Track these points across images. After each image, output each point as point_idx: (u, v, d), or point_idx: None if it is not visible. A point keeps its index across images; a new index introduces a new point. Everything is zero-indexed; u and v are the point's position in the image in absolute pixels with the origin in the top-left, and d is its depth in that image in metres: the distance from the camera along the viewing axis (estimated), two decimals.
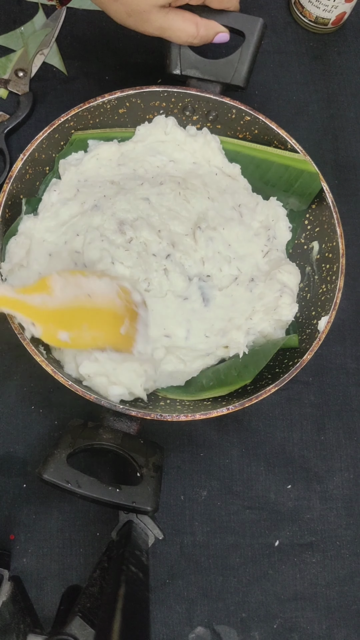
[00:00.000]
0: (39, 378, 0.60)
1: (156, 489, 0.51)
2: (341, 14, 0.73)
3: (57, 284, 0.50)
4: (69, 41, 0.74)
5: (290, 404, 0.66)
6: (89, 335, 0.51)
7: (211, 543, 0.62)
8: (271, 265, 0.61)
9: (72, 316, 0.50)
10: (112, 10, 0.57)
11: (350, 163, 0.73)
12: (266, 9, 0.77)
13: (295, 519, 0.63)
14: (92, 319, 0.51)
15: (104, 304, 0.51)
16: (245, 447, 0.64)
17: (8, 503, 0.61)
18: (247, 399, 0.53)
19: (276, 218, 0.63)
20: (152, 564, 0.60)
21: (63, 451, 0.50)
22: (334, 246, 0.59)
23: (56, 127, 0.59)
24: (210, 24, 0.59)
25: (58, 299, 0.49)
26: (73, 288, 0.50)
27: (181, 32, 0.58)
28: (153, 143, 0.64)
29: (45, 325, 0.49)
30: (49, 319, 0.49)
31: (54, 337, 0.50)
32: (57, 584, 0.60)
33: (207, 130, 0.64)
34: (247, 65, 0.61)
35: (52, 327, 0.49)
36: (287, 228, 0.63)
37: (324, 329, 0.56)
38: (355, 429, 0.66)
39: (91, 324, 0.51)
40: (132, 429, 0.54)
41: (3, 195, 0.57)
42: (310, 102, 0.74)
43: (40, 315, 0.49)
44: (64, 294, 0.50)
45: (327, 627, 0.61)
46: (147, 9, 0.55)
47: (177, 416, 0.53)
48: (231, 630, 0.60)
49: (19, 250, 0.57)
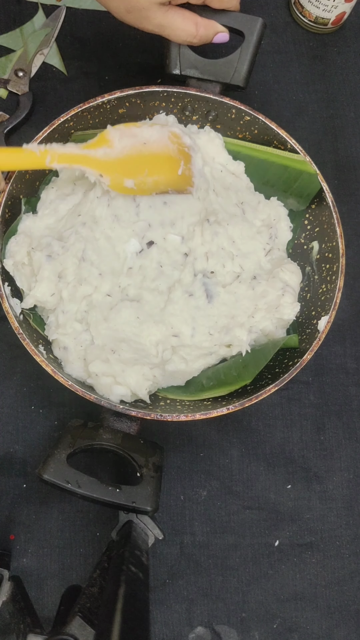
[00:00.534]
0: (39, 378, 0.61)
1: (156, 489, 0.51)
2: (341, 14, 0.73)
3: (115, 136, 0.54)
4: (69, 41, 0.74)
5: (290, 404, 0.66)
6: (150, 180, 0.55)
7: (211, 543, 0.62)
8: (273, 263, 0.61)
9: (133, 164, 0.54)
10: (112, 7, 0.57)
11: (350, 163, 0.73)
12: (266, 9, 0.77)
13: (295, 519, 0.63)
14: (151, 165, 0.55)
15: (159, 150, 0.55)
16: (245, 447, 0.64)
17: (8, 503, 0.61)
18: (247, 399, 0.53)
19: (278, 217, 0.63)
20: (152, 564, 0.60)
21: (63, 451, 0.50)
22: (334, 246, 0.59)
23: (56, 127, 0.59)
24: (210, 24, 0.59)
25: (117, 149, 0.54)
26: (129, 138, 0.54)
27: (180, 31, 0.58)
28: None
29: (111, 174, 0.53)
30: (114, 168, 0.53)
31: (121, 185, 0.54)
32: (57, 584, 0.60)
33: (209, 128, 0.64)
34: (247, 65, 0.61)
35: (118, 176, 0.53)
36: (289, 228, 0.63)
37: (324, 329, 0.56)
38: (355, 429, 0.66)
39: (151, 169, 0.55)
40: (132, 429, 0.54)
41: (3, 195, 0.57)
42: (310, 102, 0.74)
43: (105, 166, 0.53)
44: (122, 144, 0.54)
45: (327, 627, 0.61)
46: (147, 6, 0.55)
47: (177, 416, 0.53)
48: (231, 630, 0.60)
49: (19, 249, 0.57)
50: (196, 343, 0.58)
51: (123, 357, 0.55)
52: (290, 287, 0.60)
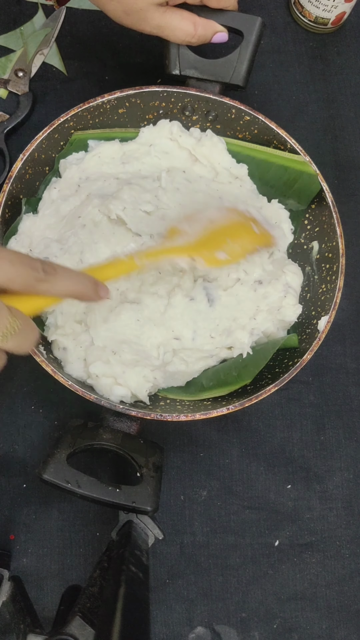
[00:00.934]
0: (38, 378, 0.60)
1: (156, 489, 0.51)
2: (341, 14, 0.73)
3: (184, 226, 0.55)
4: (69, 41, 0.74)
5: (290, 404, 0.66)
6: (237, 246, 0.55)
7: (211, 543, 0.62)
8: (275, 265, 0.61)
9: (213, 239, 0.55)
10: (110, 9, 0.57)
11: (350, 163, 0.73)
12: (266, 9, 0.77)
13: (295, 519, 0.63)
14: (230, 234, 0.55)
15: (226, 221, 0.56)
16: (245, 447, 0.64)
17: (8, 503, 0.61)
18: (247, 399, 0.53)
19: (279, 220, 0.63)
20: (152, 564, 0.60)
21: (63, 451, 0.50)
22: (334, 246, 0.59)
23: (56, 127, 0.59)
24: (209, 24, 0.58)
25: (192, 234, 0.54)
26: (196, 222, 0.55)
27: (179, 31, 0.57)
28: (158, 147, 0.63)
29: (202, 254, 0.53)
30: (199, 248, 0.54)
31: (215, 259, 0.54)
32: (57, 584, 0.60)
33: (211, 133, 0.64)
34: (246, 65, 0.61)
35: (207, 252, 0.54)
36: (290, 230, 0.63)
37: (324, 329, 0.56)
38: (355, 429, 0.66)
39: (232, 237, 0.55)
40: (132, 429, 0.54)
41: (3, 195, 0.57)
42: (310, 102, 0.74)
43: (191, 249, 0.53)
44: (193, 229, 0.54)
45: (327, 627, 0.61)
46: (145, 7, 0.55)
47: (177, 416, 0.53)
48: (231, 630, 0.60)
49: (19, 249, 0.57)
50: (197, 346, 0.58)
51: (124, 359, 0.55)
52: (292, 288, 0.60)
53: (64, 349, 0.56)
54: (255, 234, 0.56)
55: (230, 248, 0.54)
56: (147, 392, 0.55)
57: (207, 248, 0.54)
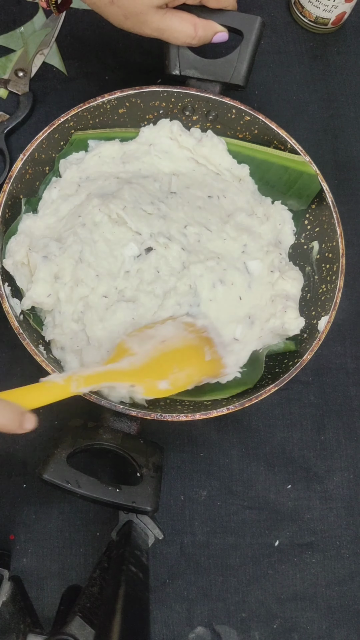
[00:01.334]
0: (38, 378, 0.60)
1: (156, 489, 0.51)
2: (341, 14, 0.73)
3: (134, 343, 0.52)
4: (69, 41, 0.74)
5: (290, 404, 0.66)
6: (183, 375, 0.53)
7: (211, 543, 0.62)
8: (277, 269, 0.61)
9: (160, 365, 0.52)
10: (109, 14, 0.56)
11: (350, 163, 0.73)
12: (266, 9, 0.77)
13: (295, 519, 0.63)
14: (178, 360, 0.53)
15: (180, 343, 0.53)
16: (245, 447, 0.64)
17: (8, 503, 0.61)
18: (247, 399, 0.53)
19: (282, 222, 0.63)
20: (152, 564, 0.60)
21: (63, 451, 0.50)
22: (334, 246, 0.59)
23: (56, 127, 0.59)
24: (209, 24, 0.58)
25: (141, 355, 0.51)
26: (147, 340, 0.52)
27: (179, 33, 0.57)
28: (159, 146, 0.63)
29: (143, 382, 0.51)
30: (143, 375, 0.51)
31: (155, 389, 0.51)
32: (57, 584, 0.60)
33: (212, 134, 0.63)
34: (246, 64, 0.61)
35: (150, 381, 0.51)
36: (292, 232, 0.63)
37: (324, 329, 0.56)
38: (355, 429, 0.66)
39: (180, 364, 0.53)
40: (132, 429, 0.54)
41: (3, 195, 0.57)
42: (310, 102, 0.74)
43: (134, 375, 0.51)
44: (142, 349, 0.52)
45: (327, 627, 0.61)
46: (144, 11, 0.55)
47: (177, 416, 0.53)
48: (231, 630, 0.60)
49: (19, 248, 0.57)
50: None
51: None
52: (291, 300, 0.60)
53: (62, 348, 0.56)
54: (205, 363, 0.54)
55: (175, 378, 0.52)
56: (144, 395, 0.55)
57: (151, 376, 0.51)
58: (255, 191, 0.64)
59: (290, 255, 0.64)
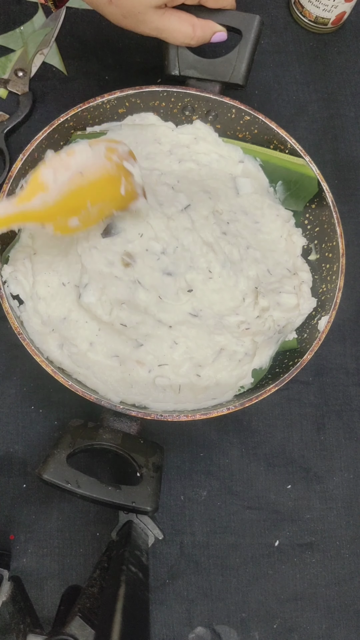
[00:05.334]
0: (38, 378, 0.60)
1: (156, 489, 0.51)
2: (341, 14, 0.73)
3: (49, 177, 0.49)
4: (69, 41, 0.74)
5: (290, 404, 0.66)
6: (94, 210, 0.51)
7: (211, 543, 0.62)
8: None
9: (74, 200, 0.50)
10: (108, 13, 0.56)
11: (350, 163, 0.73)
12: (266, 9, 0.77)
13: (295, 519, 0.63)
14: (92, 194, 0.51)
15: (98, 174, 0.51)
16: (245, 447, 0.64)
17: (8, 503, 0.61)
18: (247, 399, 0.53)
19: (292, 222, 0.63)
20: (152, 564, 0.60)
21: (63, 451, 0.50)
22: (334, 246, 0.59)
23: (56, 127, 0.59)
24: (207, 24, 0.58)
25: (54, 191, 0.49)
26: (63, 173, 0.50)
27: (177, 33, 0.57)
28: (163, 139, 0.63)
29: (54, 221, 0.50)
30: (55, 213, 0.49)
31: (66, 227, 0.51)
32: (57, 584, 0.60)
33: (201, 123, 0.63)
34: (246, 63, 0.61)
35: (61, 219, 0.50)
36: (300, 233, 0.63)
37: (324, 329, 0.56)
38: (355, 429, 0.66)
39: (93, 199, 0.51)
40: (132, 429, 0.54)
41: (3, 195, 0.56)
42: (310, 102, 0.74)
43: (45, 215, 0.49)
44: (57, 183, 0.49)
45: (327, 627, 0.61)
46: (143, 10, 0.55)
47: (177, 416, 0.53)
48: (231, 630, 0.60)
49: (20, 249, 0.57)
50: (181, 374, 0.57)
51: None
52: (305, 283, 0.60)
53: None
54: (120, 196, 0.52)
55: (86, 215, 0.51)
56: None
57: (62, 214, 0.49)
58: (266, 186, 0.64)
59: None
